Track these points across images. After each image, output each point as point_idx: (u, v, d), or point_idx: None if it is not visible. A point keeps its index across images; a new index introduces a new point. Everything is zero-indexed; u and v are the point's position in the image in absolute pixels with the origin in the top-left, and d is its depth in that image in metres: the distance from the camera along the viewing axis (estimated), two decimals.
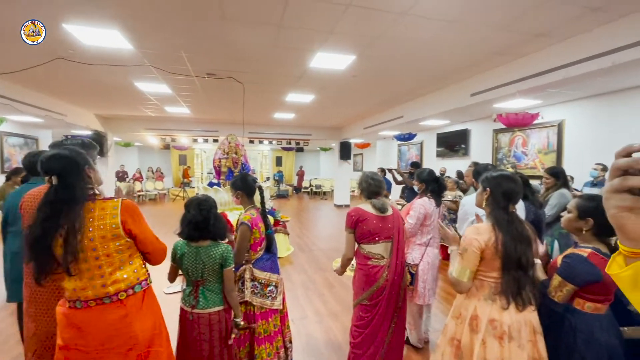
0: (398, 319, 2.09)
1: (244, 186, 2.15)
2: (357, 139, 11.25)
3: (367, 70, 4.71)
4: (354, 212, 2.06)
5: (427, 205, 2.57)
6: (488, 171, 1.74)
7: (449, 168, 8.15)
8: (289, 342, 2.26)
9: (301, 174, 16.92)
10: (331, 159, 16.10)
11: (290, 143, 11.55)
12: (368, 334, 2.02)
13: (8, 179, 4.01)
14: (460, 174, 6.06)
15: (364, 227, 2.02)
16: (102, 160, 8.76)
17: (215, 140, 10.81)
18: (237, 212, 4.38)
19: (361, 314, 2.05)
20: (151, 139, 11.50)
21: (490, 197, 1.60)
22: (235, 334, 1.73)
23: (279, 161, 18.10)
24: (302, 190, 17.12)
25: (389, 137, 10.53)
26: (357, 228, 2.04)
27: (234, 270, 2.11)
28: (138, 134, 10.38)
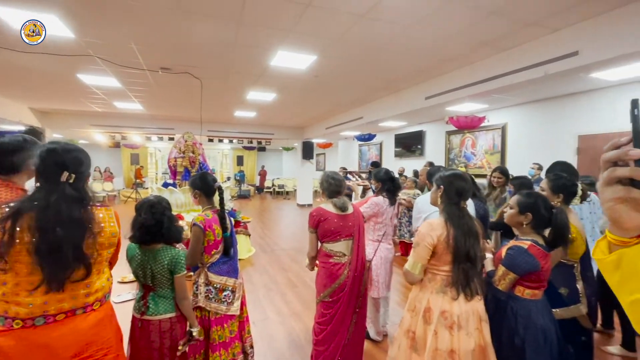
0: (359, 315, 2.14)
1: (203, 186, 2.07)
2: (320, 139, 11.34)
3: (329, 71, 4.76)
4: (316, 212, 2.10)
5: (381, 203, 2.68)
6: (440, 171, 1.84)
7: (407, 167, 8.52)
8: (250, 347, 2.21)
9: (263, 174, 16.66)
10: (294, 159, 16.04)
11: (251, 142, 11.33)
12: (330, 331, 2.05)
13: None
14: (416, 173, 6.35)
15: (326, 227, 2.07)
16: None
17: (171, 138, 10.26)
18: (195, 214, 4.19)
19: (323, 311, 2.09)
20: (98, 137, 10.62)
21: (443, 195, 1.70)
22: (182, 346, 1.65)
23: (240, 160, 17.66)
24: (265, 190, 16.87)
25: (350, 138, 10.74)
26: (319, 227, 2.09)
27: (192, 272, 2.02)
28: (83, 131, 9.53)
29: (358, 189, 3.50)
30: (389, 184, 2.73)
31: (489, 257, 1.82)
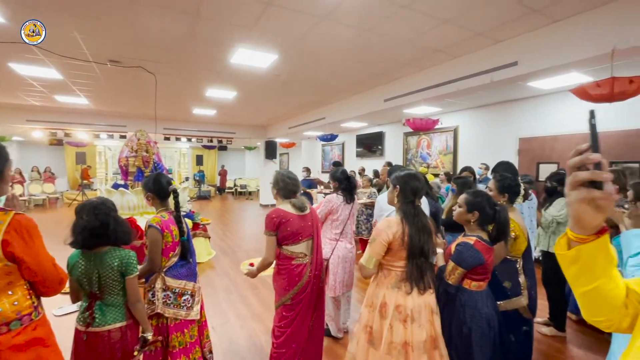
0: (318, 313, 2.16)
1: (156, 188, 1.97)
2: (283, 139, 11.26)
3: (290, 71, 4.75)
4: (275, 214, 1.99)
5: (334, 199, 2.74)
6: (397, 171, 1.92)
7: (368, 167, 8.76)
8: (209, 353, 2.15)
9: (224, 174, 16.17)
10: (257, 158, 15.78)
11: (212, 141, 10.95)
12: (291, 333, 2.03)
13: None
14: (376, 173, 6.56)
15: (288, 229, 1.99)
16: None
17: (122, 136, 9.59)
18: (149, 217, 3.97)
19: (284, 314, 2.05)
20: (37, 133, 9.62)
21: (400, 194, 1.77)
22: (137, 351, 1.55)
23: (200, 160, 16.96)
24: (226, 190, 16.39)
25: (313, 138, 10.80)
26: (280, 230, 1.99)
27: (145, 280, 1.91)
28: (17, 127, 8.57)
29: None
30: (345, 183, 2.81)
31: (440, 252, 1.94)
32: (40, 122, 8.36)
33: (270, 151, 11.48)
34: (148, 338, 1.61)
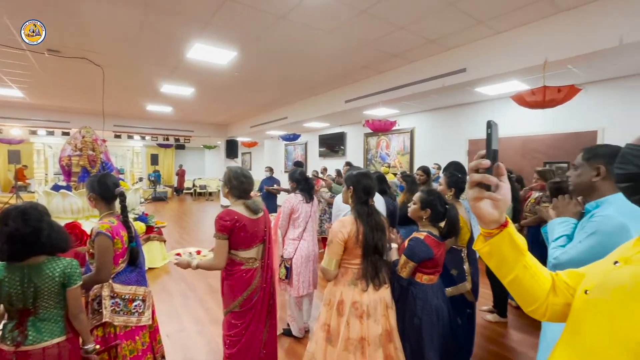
0: (271, 317, 2.09)
1: (101, 189, 1.83)
2: (244, 138, 11.02)
3: (250, 69, 4.67)
4: (229, 217, 1.81)
5: (293, 199, 2.76)
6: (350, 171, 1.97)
7: (331, 167, 8.86)
8: (161, 358, 2.05)
9: (181, 174, 15.45)
10: (217, 158, 15.26)
11: (168, 139, 10.42)
12: (245, 342, 1.92)
13: None
14: (339, 172, 6.66)
15: (242, 234, 1.84)
16: None
17: (65, 133, 8.78)
18: (96, 221, 3.68)
19: (233, 322, 1.92)
20: None
21: (353, 194, 1.82)
22: None
23: (155, 159, 16.03)
24: (185, 191, 15.68)
25: (276, 137, 10.70)
26: (233, 235, 1.83)
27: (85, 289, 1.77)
28: None
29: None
30: (303, 184, 2.84)
31: (394, 247, 2.02)
32: None
33: (231, 150, 11.19)
34: (90, 349, 1.50)
